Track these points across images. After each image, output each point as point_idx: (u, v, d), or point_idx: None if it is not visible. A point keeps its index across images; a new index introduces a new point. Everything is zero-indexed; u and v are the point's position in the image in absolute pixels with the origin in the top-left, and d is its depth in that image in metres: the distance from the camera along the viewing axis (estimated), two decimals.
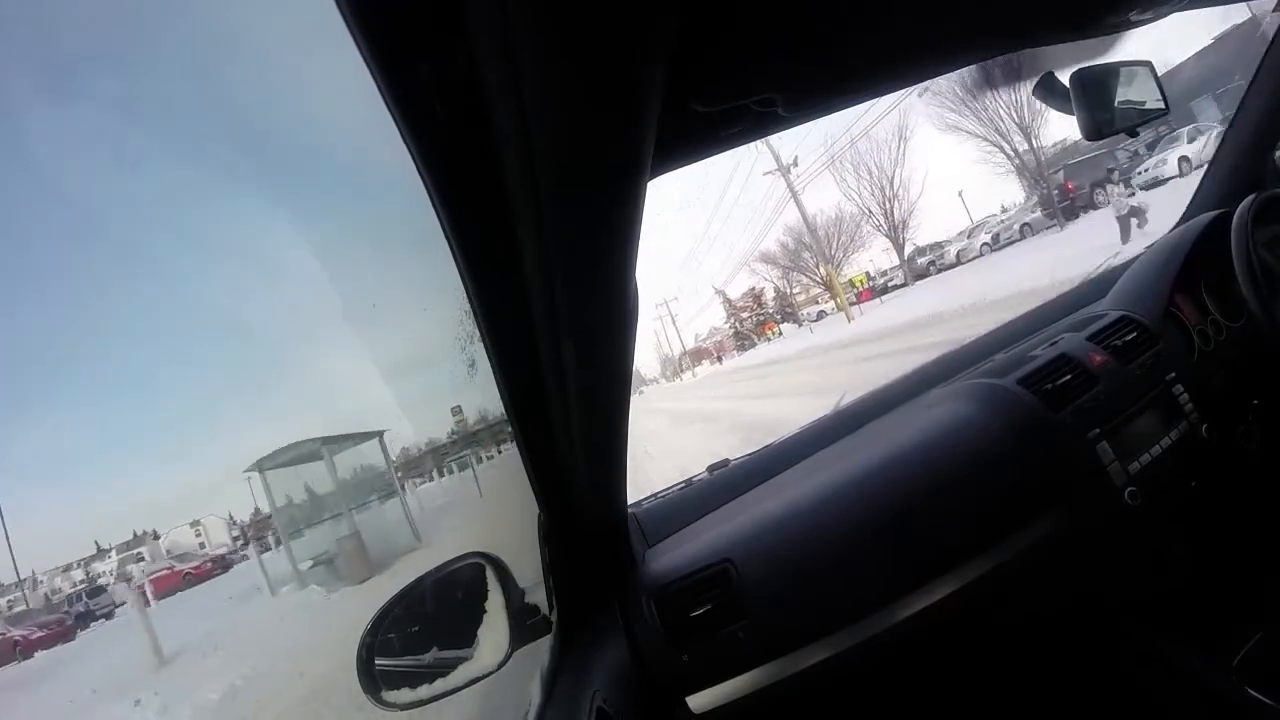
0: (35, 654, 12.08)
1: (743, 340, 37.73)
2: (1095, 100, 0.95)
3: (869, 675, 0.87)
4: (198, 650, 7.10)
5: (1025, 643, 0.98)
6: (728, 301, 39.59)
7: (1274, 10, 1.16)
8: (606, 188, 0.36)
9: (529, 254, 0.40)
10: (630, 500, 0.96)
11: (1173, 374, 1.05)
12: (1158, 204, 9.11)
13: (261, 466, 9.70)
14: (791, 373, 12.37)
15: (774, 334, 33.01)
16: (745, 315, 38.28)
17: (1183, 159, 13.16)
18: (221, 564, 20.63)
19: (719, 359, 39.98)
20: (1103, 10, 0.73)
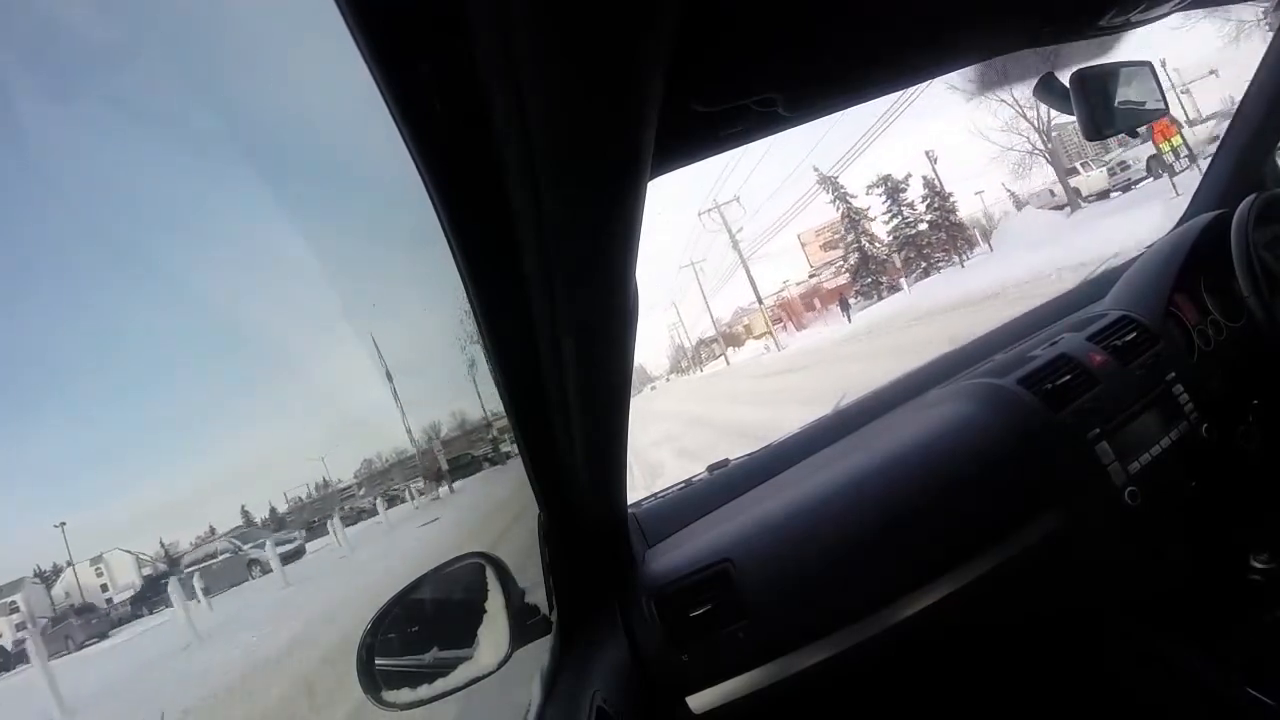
0: None
1: (871, 277, 21.76)
2: (1095, 100, 0.95)
3: (869, 675, 0.87)
4: None
5: (1025, 642, 0.98)
6: (845, 206, 22.21)
7: (1274, 10, 1.16)
8: (606, 188, 0.36)
9: (529, 254, 0.40)
10: (630, 500, 0.96)
11: (1173, 374, 1.05)
12: None
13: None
14: None
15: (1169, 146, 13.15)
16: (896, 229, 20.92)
17: None
18: None
19: (819, 306, 24.56)
20: (1103, 10, 0.73)
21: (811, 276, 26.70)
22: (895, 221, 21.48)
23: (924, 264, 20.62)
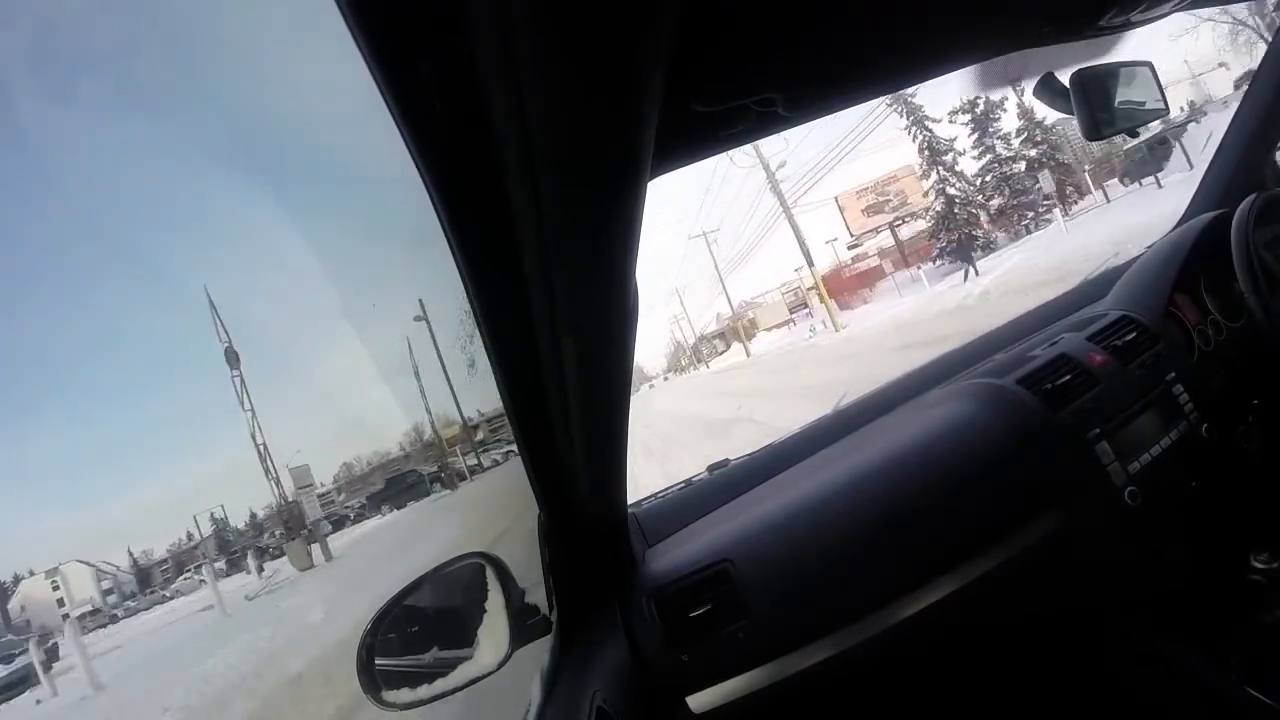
0: None
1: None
2: (1095, 100, 0.95)
3: (869, 675, 0.87)
4: None
5: (1025, 642, 0.98)
6: (926, 135, 17.00)
7: (1274, 9, 1.16)
8: (606, 188, 0.36)
9: (529, 254, 0.40)
10: (630, 500, 0.96)
11: (1173, 374, 1.05)
12: None
13: None
14: None
15: None
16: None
17: None
18: None
19: (889, 270, 19.16)
20: (1103, 10, 0.73)
21: (851, 247, 21.98)
22: (987, 159, 16.60)
23: (1030, 214, 15.79)
